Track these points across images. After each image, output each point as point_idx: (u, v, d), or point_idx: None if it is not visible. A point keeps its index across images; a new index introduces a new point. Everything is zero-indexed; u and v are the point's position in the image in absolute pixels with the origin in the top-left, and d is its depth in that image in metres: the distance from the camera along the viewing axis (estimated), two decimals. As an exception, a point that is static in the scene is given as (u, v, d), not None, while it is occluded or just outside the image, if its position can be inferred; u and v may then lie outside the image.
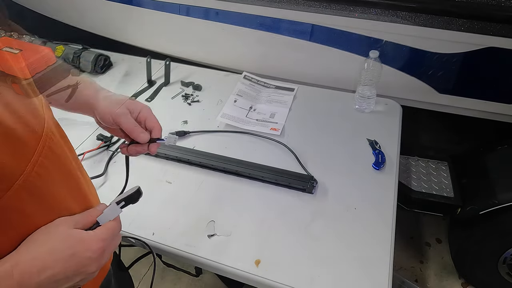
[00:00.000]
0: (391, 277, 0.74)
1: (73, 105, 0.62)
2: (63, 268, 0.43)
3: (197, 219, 0.86)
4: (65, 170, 0.49)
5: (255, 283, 0.77)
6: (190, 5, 1.39)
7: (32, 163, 0.42)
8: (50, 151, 0.45)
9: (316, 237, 0.82)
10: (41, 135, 0.45)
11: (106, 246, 0.47)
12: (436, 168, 1.43)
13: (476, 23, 1.08)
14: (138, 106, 0.62)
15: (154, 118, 0.62)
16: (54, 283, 0.43)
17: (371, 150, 1.01)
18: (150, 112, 0.63)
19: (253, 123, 1.14)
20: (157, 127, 0.62)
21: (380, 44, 1.21)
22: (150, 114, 0.62)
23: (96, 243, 0.46)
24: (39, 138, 0.44)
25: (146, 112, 0.62)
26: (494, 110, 1.26)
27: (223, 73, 1.40)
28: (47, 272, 0.41)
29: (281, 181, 0.92)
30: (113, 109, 0.60)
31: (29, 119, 0.43)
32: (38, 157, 0.43)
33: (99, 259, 0.46)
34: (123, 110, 0.60)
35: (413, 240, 1.68)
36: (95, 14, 1.66)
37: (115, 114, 0.59)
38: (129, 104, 0.61)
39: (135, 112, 0.61)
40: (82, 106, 0.62)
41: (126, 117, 0.60)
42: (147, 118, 0.61)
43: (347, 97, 1.22)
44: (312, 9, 1.22)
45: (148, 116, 0.62)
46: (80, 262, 0.44)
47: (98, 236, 0.47)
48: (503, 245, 1.25)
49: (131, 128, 0.59)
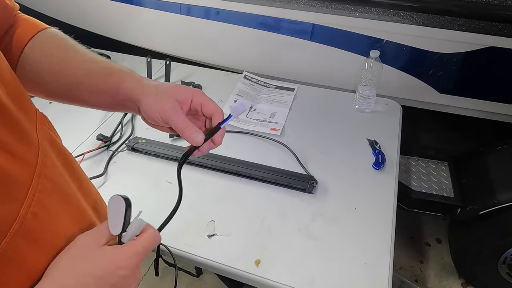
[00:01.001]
0: (391, 277, 0.74)
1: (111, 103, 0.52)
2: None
3: (197, 219, 0.86)
4: (65, 197, 0.44)
5: (255, 283, 0.77)
6: (190, 5, 1.39)
7: (26, 204, 0.36)
8: (47, 180, 0.40)
9: (316, 237, 0.82)
10: (35, 165, 0.39)
11: (140, 260, 0.41)
12: (436, 168, 1.43)
13: (477, 22, 1.08)
14: (188, 93, 0.50)
15: (211, 102, 0.50)
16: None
17: (371, 150, 1.01)
18: (204, 96, 0.51)
19: (253, 123, 1.14)
20: (218, 111, 0.50)
21: (381, 43, 1.21)
22: (205, 99, 0.50)
23: (128, 260, 0.40)
24: (33, 170, 0.38)
25: (199, 97, 0.50)
26: (494, 110, 1.26)
27: (223, 73, 1.40)
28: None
29: (281, 181, 0.92)
30: (161, 105, 0.48)
31: (20, 149, 0.37)
32: (33, 195, 0.37)
33: (135, 275, 0.41)
34: (172, 103, 0.48)
35: (413, 240, 1.68)
36: (95, 13, 1.66)
37: (162, 111, 0.47)
38: (177, 93, 0.49)
39: (187, 101, 0.50)
40: (123, 103, 0.51)
41: (175, 113, 0.48)
42: (203, 103, 0.50)
43: (347, 97, 1.22)
44: (313, 9, 1.22)
45: (204, 101, 0.50)
46: (113, 284, 0.39)
47: (128, 251, 0.41)
48: (503, 245, 1.25)
49: (181, 128, 0.48)
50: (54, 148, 0.45)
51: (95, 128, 1.13)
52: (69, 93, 0.53)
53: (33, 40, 0.52)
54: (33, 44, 0.52)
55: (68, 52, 0.52)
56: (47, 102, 1.21)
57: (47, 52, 0.52)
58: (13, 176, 0.36)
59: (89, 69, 0.51)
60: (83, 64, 0.52)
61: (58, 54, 0.52)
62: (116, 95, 0.51)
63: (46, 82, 0.52)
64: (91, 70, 0.51)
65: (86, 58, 0.52)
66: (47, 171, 0.40)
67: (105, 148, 1.07)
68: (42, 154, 0.40)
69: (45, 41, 0.52)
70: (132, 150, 1.05)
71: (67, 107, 1.19)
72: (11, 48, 0.51)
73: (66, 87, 0.52)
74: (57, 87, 0.52)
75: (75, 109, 1.18)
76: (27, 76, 0.51)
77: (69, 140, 1.10)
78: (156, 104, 0.48)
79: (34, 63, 0.51)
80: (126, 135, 1.11)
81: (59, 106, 1.20)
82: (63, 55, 0.52)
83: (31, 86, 0.52)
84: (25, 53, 0.51)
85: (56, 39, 0.54)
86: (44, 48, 0.52)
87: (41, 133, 0.43)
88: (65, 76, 0.51)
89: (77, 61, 0.52)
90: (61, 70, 0.51)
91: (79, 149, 1.06)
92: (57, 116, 1.20)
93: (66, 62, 0.52)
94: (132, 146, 1.04)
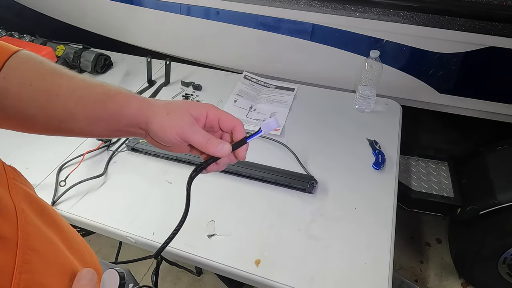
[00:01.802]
0: (391, 277, 0.74)
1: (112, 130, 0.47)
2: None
3: (197, 219, 0.86)
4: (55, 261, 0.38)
5: (255, 283, 0.77)
6: (190, 5, 1.39)
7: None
8: (32, 253, 0.34)
9: (316, 237, 0.82)
10: (17, 240, 0.33)
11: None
12: (436, 168, 1.43)
13: (477, 22, 1.08)
14: (203, 108, 0.47)
15: (228, 115, 0.47)
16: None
17: (371, 150, 1.01)
18: (219, 110, 0.47)
19: (253, 123, 1.14)
20: (238, 124, 0.47)
21: (381, 43, 1.21)
22: (221, 112, 0.47)
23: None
24: (14, 247, 0.33)
25: (215, 112, 0.47)
26: (494, 110, 1.26)
27: (223, 73, 1.40)
28: None
29: (281, 181, 0.92)
30: (177, 123, 0.44)
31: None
32: (19, 279, 0.31)
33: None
34: (188, 119, 0.45)
35: (413, 240, 1.68)
36: (95, 14, 1.66)
37: (180, 128, 0.44)
38: (192, 109, 0.46)
39: (202, 117, 0.46)
40: (126, 128, 0.47)
41: (194, 129, 0.44)
42: (221, 118, 0.47)
43: (347, 97, 1.22)
44: (313, 9, 1.22)
45: (221, 115, 0.47)
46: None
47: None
48: (503, 245, 1.25)
49: (202, 143, 0.44)
50: (32, 206, 0.39)
51: (95, 128, 1.13)
52: (62, 126, 0.46)
53: (5, 69, 0.43)
54: (6, 73, 0.43)
55: (51, 80, 0.45)
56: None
57: (27, 82, 0.44)
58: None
59: (82, 97, 0.45)
60: (73, 92, 0.45)
61: (40, 84, 0.44)
62: (119, 121, 0.46)
63: (31, 116, 0.45)
64: (84, 98, 0.45)
65: (75, 84, 0.45)
66: (31, 242, 0.35)
67: (105, 148, 1.07)
68: (21, 221, 0.35)
69: (20, 68, 0.44)
70: (132, 150, 1.05)
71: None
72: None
73: (56, 120, 0.45)
74: (45, 122, 0.45)
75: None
76: (7, 112, 0.44)
77: (69, 140, 1.11)
78: (171, 122, 0.44)
79: (13, 97, 0.43)
80: (126, 135, 1.11)
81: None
82: (46, 85, 0.44)
83: (13, 123, 0.46)
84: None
85: (32, 64, 0.45)
86: (21, 76, 0.44)
87: (15, 193, 0.37)
88: (54, 109, 0.44)
89: (65, 89, 0.45)
90: (48, 102, 0.44)
91: (79, 149, 1.06)
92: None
93: (51, 92, 0.44)
94: (133, 146, 1.04)
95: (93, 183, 0.96)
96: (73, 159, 1.02)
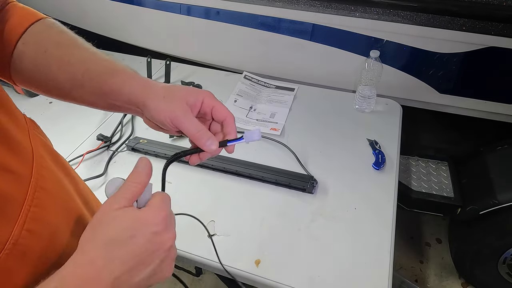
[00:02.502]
0: (391, 277, 0.74)
1: (111, 104, 0.49)
2: (128, 254, 0.34)
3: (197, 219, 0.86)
4: (64, 205, 0.41)
5: (255, 283, 0.77)
6: (190, 5, 1.39)
7: (20, 222, 0.34)
8: (43, 192, 0.37)
9: (316, 237, 0.82)
10: (30, 177, 0.36)
11: (167, 215, 0.38)
12: (436, 168, 1.43)
13: (477, 22, 1.08)
14: (199, 95, 0.47)
15: (222, 106, 0.48)
16: (129, 277, 0.34)
17: (371, 150, 1.01)
18: (215, 99, 0.48)
19: (253, 123, 1.14)
20: (229, 117, 0.47)
21: (381, 43, 1.21)
22: (216, 102, 0.47)
23: (154, 214, 0.37)
24: (27, 184, 0.35)
25: (210, 100, 0.47)
26: (494, 110, 1.26)
27: (223, 73, 1.40)
28: (110, 269, 0.33)
29: (281, 181, 0.92)
30: (171, 109, 0.45)
31: (12, 162, 0.35)
32: (28, 210, 0.35)
33: (168, 230, 0.37)
34: (183, 107, 0.45)
35: (413, 240, 1.68)
36: (96, 14, 1.66)
37: (174, 115, 0.45)
38: (188, 96, 0.46)
39: (197, 104, 0.47)
40: (124, 105, 0.48)
41: (187, 117, 0.45)
42: (214, 107, 0.47)
43: (347, 97, 1.22)
44: (313, 9, 1.22)
45: (215, 104, 0.47)
46: (147, 241, 0.35)
47: (153, 208, 0.38)
48: (503, 245, 1.25)
49: (194, 134, 0.45)
50: (48, 154, 0.42)
51: (95, 128, 1.13)
52: (71, 93, 0.49)
53: (28, 32, 0.47)
54: (28, 37, 0.47)
55: (65, 49, 0.48)
56: (47, 103, 1.21)
57: (42, 49, 0.47)
58: (5, 193, 0.33)
59: (88, 69, 0.47)
60: (82, 63, 0.47)
61: (54, 51, 0.47)
62: (119, 97, 0.47)
63: (44, 81, 0.48)
64: (90, 70, 0.47)
65: (86, 56, 0.48)
66: (43, 182, 0.38)
67: (105, 148, 1.07)
68: (37, 164, 0.38)
69: (41, 35, 0.48)
70: (132, 150, 1.05)
71: (67, 107, 1.19)
72: (3, 40, 0.46)
73: (66, 87, 0.48)
74: (57, 87, 0.48)
75: (75, 110, 1.18)
76: (24, 74, 0.48)
77: (69, 140, 1.11)
78: (166, 108, 0.45)
79: (30, 61, 0.47)
80: (126, 135, 1.11)
81: (59, 106, 1.20)
82: (60, 53, 0.47)
83: (29, 84, 0.49)
84: (18, 48, 0.46)
85: (52, 33, 0.49)
86: (39, 43, 0.47)
87: (34, 140, 0.40)
88: (63, 76, 0.47)
89: (76, 60, 0.47)
90: (59, 70, 0.47)
91: (79, 149, 1.06)
92: (57, 117, 1.20)
93: (63, 61, 0.47)
94: (133, 146, 1.04)
95: (93, 183, 0.96)
96: (73, 159, 1.02)
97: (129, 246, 0.34)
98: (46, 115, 1.17)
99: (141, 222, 0.36)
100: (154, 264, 0.36)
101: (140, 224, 0.36)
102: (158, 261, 0.36)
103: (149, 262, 0.36)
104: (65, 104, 0.56)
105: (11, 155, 0.35)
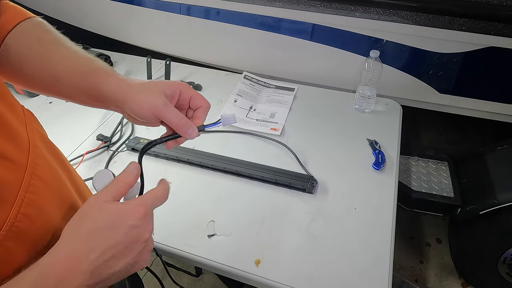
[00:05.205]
0: (391, 277, 0.74)
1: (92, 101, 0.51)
2: (108, 244, 0.37)
3: (197, 219, 0.86)
4: (58, 193, 0.44)
5: (255, 283, 0.77)
6: (190, 5, 1.39)
7: (17, 206, 0.36)
8: (39, 180, 0.39)
9: (316, 237, 0.82)
10: (26, 165, 0.38)
11: (146, 210, 0.41)
12: (436, 168, 1.43)
13: (477, 22, 1.08)
14: (176, 87, 0.50)
15: (200, 96, 0.51)
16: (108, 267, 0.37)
17: (371, 150, 1.01)
18: (192, 90, 0.51)
19: (253, 123, 1.14)
20: (205, 105, 0.51)
21: (381, 43, 1.21)
22: (194, 92, 0.51)
23: (135, 209, 0.40)
24: (23, 171, 0.38)
25: (188, 91, 0.50)
26: (494, 110, 1.26)
27: (223, 73, 1.40)
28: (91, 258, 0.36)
29: (281, 181, 0.92)
30: (151, 102, 0.47)
31: (9, 150, 0.37)
32: (23, 196, 0.37)
33: (145, 224, 0.41)
34: (163, 99, 0.48)
35: (413, 240, 1.68)
36: (95, 13, 1.66)
37: (155, 107, 0.47)
38: (166, 88, 0.49)
39: (175, 96, 0.50)
40: (105, 102, 0.50)
41: (168, 108, 0.47)
42: (193, 97, 0.51)
43: (347, 97, 1.22)
44: (313, 9, 1.22)
45: (193, 94, 0.51)
46: (126, 233, 0.38)
47: (134, 203, 0.41)
48: (503, 245, 1.25)
49: (177, 123, 0.48)
50: (44, 144, 0.45)
51: (95, 128, 1.13)
52: (52, 88, 0.51)
53: (16, 29, 0.49)
54: (15, 33, 0.49)
55: (48, 46, 0.50)
56: (47, 103, 1.21)
57: (27, 45, 0.50)
58: (3, 179, 0.35)
59: (69, 66, 0.49)
60: (64, 60, 0.50)
61: (38, 48, 0.50)
62: (97, 94, 0.49)
63: (28, 75, 0.50)
64: (71, 68, 0.49)
65: (67, 54, 0.50)
66: (39, 171, 0.40)
67: (105, 148, 1.07)
68: (33, 153, 0.40)
69: (27, 32, 0.50)
70: (132, 150, 1.05)
71: (67, 108, 1.19)
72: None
73: (47, 82, 0.51)
74: (39, 82, 0.51)
75: (75, 110, 1.18)
76: (10, 67, 0.50)
77: (69, 140, 1.11)
78: (146, 100, 0.47)
79: (15, 55, 0.49)
80: (126, 135, 1.11)
81: (59, 106, 1.20)
82: (42, 50, 0.50)
83: (15, 78, 0.51)
84: (6, 43, 0.49)
85: (38, 31, 0.51)
86: (25, 39, 0.50)
87: (31, 130, 0.42)
88: (46, 72, 0.50)
89: (58, 57, 0.50)
90: (42, 65, 0.50)
91: (79, 149, 1.06)
92: (57, 116, 1.20)
93: (45, 57, 0.50)
94: (133, 146, 1.04)
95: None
96: (73, 159, 1.02)
97: (109, 237, 0.38)
98: (46, 115, 1.17)
99: (122, 215, 0.39)
100: (132, 254, 0.39)
101: (120, 217, 0.39)
102: (135, 252, 0.40)
103: (127, 253, 0.39)
104: (65, 104, 0.57)
105: (9, 143, 0.37)
